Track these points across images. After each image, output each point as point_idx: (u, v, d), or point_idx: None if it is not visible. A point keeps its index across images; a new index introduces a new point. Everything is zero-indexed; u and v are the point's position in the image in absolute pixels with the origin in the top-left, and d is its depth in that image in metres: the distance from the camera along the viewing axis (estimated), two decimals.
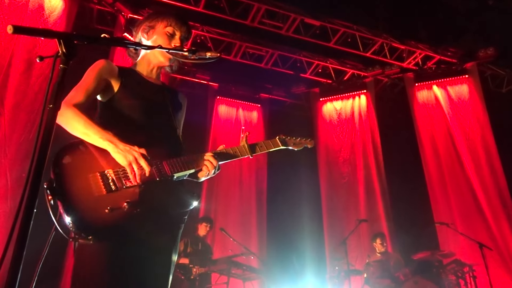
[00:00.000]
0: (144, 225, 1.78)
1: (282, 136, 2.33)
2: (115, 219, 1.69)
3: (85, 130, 1.78)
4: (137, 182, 1.76)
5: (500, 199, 7.07)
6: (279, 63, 8.71)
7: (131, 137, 1.83)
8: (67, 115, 1.80)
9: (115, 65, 2.11)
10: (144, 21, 2.23)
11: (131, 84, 2.06)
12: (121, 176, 1.77)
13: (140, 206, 1.74)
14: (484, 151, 7.48)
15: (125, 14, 7.12)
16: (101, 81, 1.97)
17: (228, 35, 8.05)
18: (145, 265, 1.84)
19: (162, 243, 1.91)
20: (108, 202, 1.69)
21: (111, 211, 1.68)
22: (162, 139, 2.00)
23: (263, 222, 8.07)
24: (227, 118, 8.89)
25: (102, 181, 1.74)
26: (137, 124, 1.96)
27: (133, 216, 1.73)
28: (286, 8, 7.43)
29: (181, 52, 1.89)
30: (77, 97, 1.88)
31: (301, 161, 8.06)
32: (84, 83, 1.94)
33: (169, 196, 1.91)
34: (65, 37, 1.29)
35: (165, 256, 1.92)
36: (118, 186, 1.75)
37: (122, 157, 1.74)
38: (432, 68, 8.56)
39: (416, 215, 7.59)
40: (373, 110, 8.61)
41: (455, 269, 5.47)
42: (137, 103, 2.01)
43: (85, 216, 1.65)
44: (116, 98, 2.00)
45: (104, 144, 1.76)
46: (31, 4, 5.62)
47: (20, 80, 5.28)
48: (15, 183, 4.92)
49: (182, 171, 1.92)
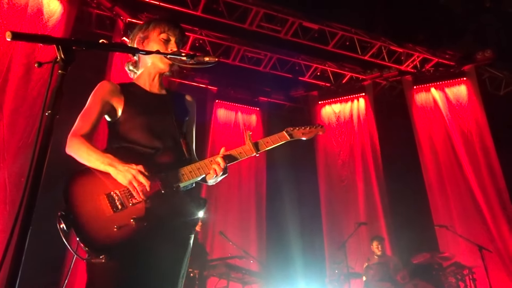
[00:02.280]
0: (153, 238, 1.83)
1: (289, 128, 2.23)
2: (124, 236, 1.75)
3: (88, 157, 1.87)
4: (141, 198, 1.81)
5: (499, 201, 7.08)
6: (278, 67, 8.73)
7: (137, 154, 1.92)
8: (74, 146, 1.91)
9: (117, 84, 2.14)
10: (137, 33, 2.23)
11: (134, 101, 2.09)
12: (127, 195, 1.83)
13: (147, 220, 1.80)
14: (482, 153, 7.49)
15: (123, 18, 7.14)
16: (105, 105, 2.04)
17: (226, 39, 8.07)
18: (156, 276, 1.87)
19: (172, 253, 1.94)
20: (116, 221, 1.76)
21: (119, 229, 1.75)
22: (167, 151, 2.01)
23: (263, 226, 8.06)
24: (226, 121, 8.89)
25: (109, 202, 1.81)
26: (142, 141, 2.00)
27: (142, 230, 1.78)
28: (284, 11, 7.46)
29: (179, 57, 1.90)
30: (83, 128, 1.97)
31: (300, 164, 8.07)
32: (89, 110, 2.01)
33: (176, 207, 1.93)
34: (63, 43, 1.29)
35: (176, 266, 1.94)
36: (125, 204, 1.81)
37: (122, 177, 1.80)
38: (430, 70, 8.58)
39: (415, 218, 7.58)
40: (371, 113, 8.63)
41: (455, 271, 5.47)
42: (141, 121, 2.04)
43: (96, 238, 1.73)
44: (121, 119, 2.05)
45: (106, 168, 1.83)
46: (30, 8, 5.63)
47: (19, 84, 5.27)
48: (14, 187, 4.91)
49: (186, 180, 1.95)
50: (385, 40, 8.13)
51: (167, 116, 2.12)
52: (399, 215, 7.65)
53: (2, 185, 4.85)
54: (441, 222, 6.83)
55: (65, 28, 6.05)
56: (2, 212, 4.78)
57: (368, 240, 6.95)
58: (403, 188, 7.89)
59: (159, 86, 2.23)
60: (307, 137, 2.25)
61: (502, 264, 6.67)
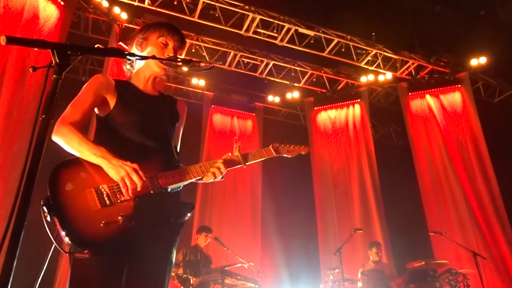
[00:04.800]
0: (140, 238, 1.81)
1: (275, 144, 2.32)
2: (110, 233, 1.72)
3: (79, 147, 1.83)
4: (130, 196, 1.79)
5: (494, 208, 7.11)
6: (274, 72, 8.76)
7: (126, 152, 1.87)
8: (63, 133, 1.85)
9: (112, 79, 2.13)
10: (137, 34, 2.25)
11: (128, 99, 2.08)
12: (116, 191, 1.80)
13: (135, 219, 1.78)
14: (477, 160, 7.53)
15: (120, 23, 7.16)
16: (97, 97, 2.00)
17: (223, 45, 8.10)
18: (141, 276, 1.85)
19: (158, 254, 1.92)
20: (103, 216, 1.73)
21: (106, 225, 1.72)
22: (157, 153, 2.01)
23: (258, 232, 8.05)
24: (222, 127, 8.90)
25: (97, 196, 1.78)
26: (132, 139, 1.99)
27: (128, 229, 1.76)
28: (281, 18, 7.50)
29: (175, 63, 1.91)
30: (73, 115, 1.92)
31: (295, 170, 8.07)
32: (80, 100, 1.97)
33: (164, 209, 1.93)
34: (59, 47, 1.30)
35: (161, 268, 1.93)
36: (113, 200, 1.78)
37: (115, 172, 1.77)
38: (425, 77, 8.64)
39: (410, 224, 7.60)
40: (367, 119, 8.66)
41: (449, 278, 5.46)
42: (133, 118, 2.03)
43: (81, 231, 1.69)
44: (112, 114, 2.02)
45: (98, 160, 1.80)
46: (26, 13, 5.63)
47: (14, 88, 5.26)
48: (8, 193, 4.88)
49: (175, 183, 1.95)
50: (381, 47, 8.18)
51: (159, 117, 2.13)
52: (394, 221, 7.66)
53: None
54: (435, 229, 6.83)
55: (61, 33, 6.06)
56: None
57: (363, 246, 6.95)
58: (398, 194, 7.91)
59: (152, 88, 2.23)
60: (291, 155, 2.35)
61: (496, 270, 6.69)
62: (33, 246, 2.79)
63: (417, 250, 6.92)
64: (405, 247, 7.11)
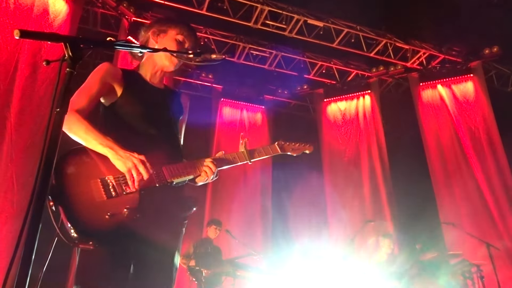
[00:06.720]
0: (145, 230, 1.80)
1: (281, 142, 2.36)
2: (115, 225, 1.71)
3: (86, 136, 1.80)
4: (135, 188, 1.78)
5: (507, 198, 7.02)
6: (283, 64, 8.71)
7: (131, 142, 1.85)
8: (69, 120, 1.81)
9: (119, 68, 2.12)
10: (154, 24, 2.25)
11: (134, 89, 2.07)
12: (121, 182, 1.79)
13: (140, 211, 1.77)
14: (490, 150, 7.43)
15: (128, 17, 7.16)
16: (104, 85, 1.98)
17: (231, 37, 8.06)
18: (146, 269, 1.86)
19: (163, 247, 1.92)
20: (109, 207, 1.72)
21: (111, 216, 1.70)
22: (162, 145, 2.01)
23: (269, 223, 8.06)
24: (232, 120, 8.89)
25: (103, 187, 1.76)
26: (137, 130, 1.98)
27: (133, 222, 1.75)
28: (289, 9, 7.44)
29: (186, 55, 1.91)
30: (79, 102, 1.90)
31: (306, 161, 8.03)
32: (87, 87, 1.95)
33: (169, 202, 1.92)
34: (72, 41, 1.29)
35: (166, 260, 1.93)
36: (118, 192, 1.77)
37: (122, 163, 1.76)
38: (437, 67, 8.53)
39: (422, 215, 7.54)
40: (377, 110, 8.59)
41: (463, 269, 5.43)
42: (139, 109, 2.02)
43: (86, 222, 1.67)
44: (118, 103, 2.01)
45: (104, 150, 1.78)
46: (36, 8, 5.65)
47: (25, 84, 5.29)
48: (22, 188, 4.92)
49: (181, 177, 1.94)
50: (391, 37, 8.08)
51: (164, 110, 2.14)
52: (406, 212, 7.62)
53: (10, 185, 4.86)
54: (448, 220, 6.79)
55: (70, 28, 6.07)
56: (10, 212, 4.80)
57: (374, 238, 6.92)
58: (409, 185, 7.85)
59: (159, 80, 2.23)
60: (295, 154, 2.41)
61: (510, 261, 6.62)
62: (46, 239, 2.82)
63: (429, 241, 6.87)
64: (417, 239, 7.06)
